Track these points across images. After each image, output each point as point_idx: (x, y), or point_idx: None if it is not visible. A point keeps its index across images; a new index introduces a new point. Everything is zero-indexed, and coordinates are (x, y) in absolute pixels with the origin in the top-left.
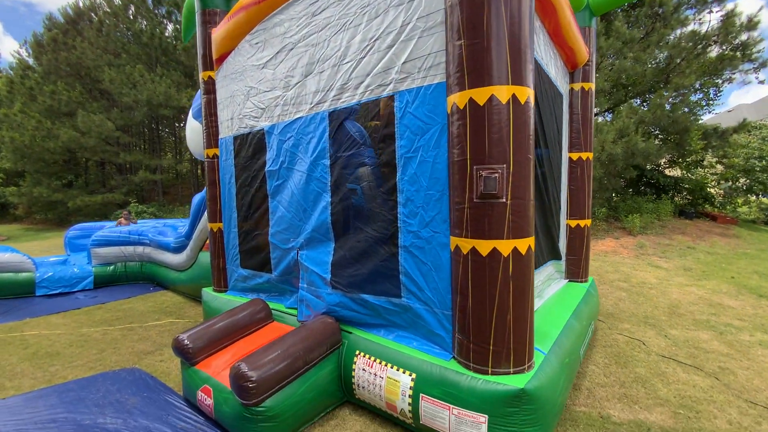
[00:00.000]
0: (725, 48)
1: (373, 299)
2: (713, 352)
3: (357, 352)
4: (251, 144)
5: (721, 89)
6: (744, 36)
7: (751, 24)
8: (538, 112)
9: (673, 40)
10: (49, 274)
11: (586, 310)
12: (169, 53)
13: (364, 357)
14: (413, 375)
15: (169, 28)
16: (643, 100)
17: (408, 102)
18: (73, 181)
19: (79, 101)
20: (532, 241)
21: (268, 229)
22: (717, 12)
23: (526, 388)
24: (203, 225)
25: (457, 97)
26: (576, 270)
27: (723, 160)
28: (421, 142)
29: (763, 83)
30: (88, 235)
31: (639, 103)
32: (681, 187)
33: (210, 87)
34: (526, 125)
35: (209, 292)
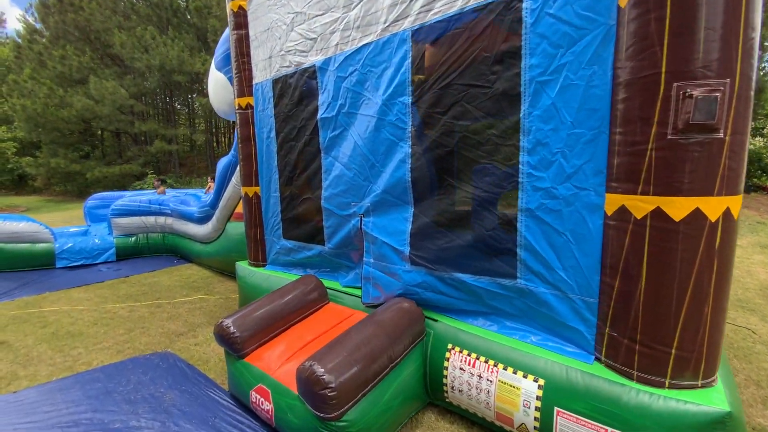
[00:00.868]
0: None
1: (472, 280)
2: None
3: (450, 346)
4: (297, 87)
5: None
6: None
7: None
8: None
9: None
10: (69, 245)
11: None
12: (180, 14)
13: (460, 353)
14: (541, 381)
15: None
16: None
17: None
18: (89, 152)
19: (91, 67)
20: (740, 201)
21: (320, 192)
22: None
23: (732, 412)
24: (230, 192)
25: None
26: None
27: None
28: (566, 57)
29: None
30: (108, 205)
31: None
32: None
33: (241, 20)
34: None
35: (245, 267)
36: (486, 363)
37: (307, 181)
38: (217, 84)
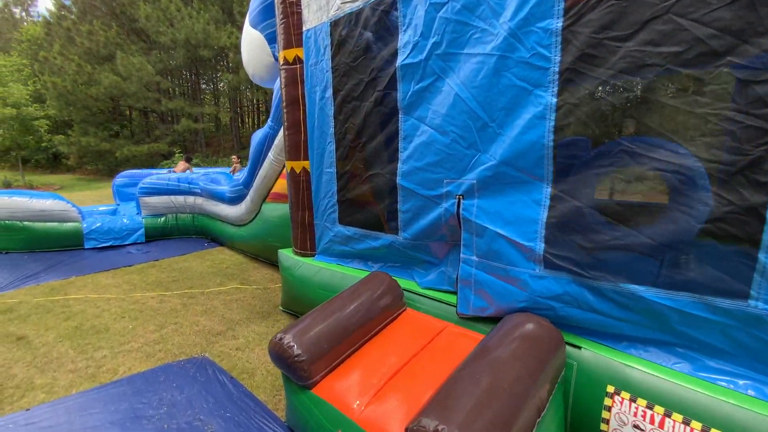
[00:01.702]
0: None
1: (656, 296)
2: None
3: (611, 390)
4: (366, 26)
5: None
6: None
7: None
8: None
9: None
10: (98, 224)
11: None
12: None
13: (632, 402)
14: None
15: None
16: None
17: None
18: (118, 131)
19: (117, 42)
20: None
21: (394, 165)
22: None
23: None
24: (267, 170)
25: None
26: None
27: None
28: None
29: None
30: (136, 183)
31: None
32: None
33: None
34: None
35: (290, 256)
36: (683, 425)
37: (375, 153)
38: (252, 44)
